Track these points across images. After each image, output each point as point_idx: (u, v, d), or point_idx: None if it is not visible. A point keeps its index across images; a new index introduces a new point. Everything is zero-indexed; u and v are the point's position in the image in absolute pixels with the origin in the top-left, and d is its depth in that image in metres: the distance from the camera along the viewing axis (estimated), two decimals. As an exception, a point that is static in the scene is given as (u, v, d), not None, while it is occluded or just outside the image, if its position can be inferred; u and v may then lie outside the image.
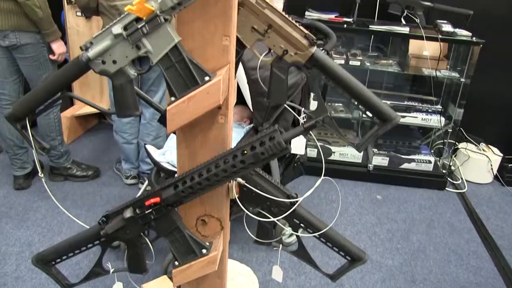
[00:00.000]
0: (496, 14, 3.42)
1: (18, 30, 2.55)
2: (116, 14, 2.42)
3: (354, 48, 3.31)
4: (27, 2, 2.42)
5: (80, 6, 2.55)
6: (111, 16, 2.45)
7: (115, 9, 2.43)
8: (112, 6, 2.43)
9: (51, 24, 2.58)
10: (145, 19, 0.94)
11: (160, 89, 2.79)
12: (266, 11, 1.08)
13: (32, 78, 2.72)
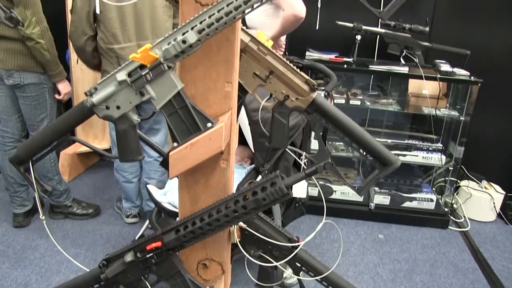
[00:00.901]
0: (493, 53, 3.48)
1: (23, 70, 2.59)
2: (114, 57, 2.45)
3: (354, 87, 3.35)
4: (36, 46, 2.47)
5: (76, 48, 2.54)
6: (109, 58, 2.48)
7: (112, 52, 2.45)
8: (110, 49, 2.44)
9: (57, 65, 2.62)
10: (149, 66, 0.96)
11: (163, 127, 2.80)
12: (267, 57, 1.10)
13: (30, 117, 2.74)
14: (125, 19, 2.42)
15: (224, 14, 0.89)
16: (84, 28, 2.41)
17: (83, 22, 2.39)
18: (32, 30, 2.43)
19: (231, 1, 0.88)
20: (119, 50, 2.44)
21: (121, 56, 2.45)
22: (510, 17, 3.42)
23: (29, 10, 2.41)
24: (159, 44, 0.94)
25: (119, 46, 2.44)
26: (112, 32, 2.41)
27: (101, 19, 2.39)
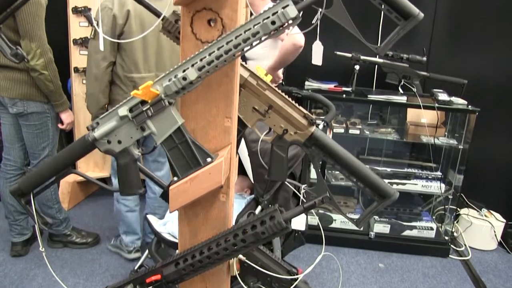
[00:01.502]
0: (489, 82, 3.52)
1: (27, 99, 2.62)
2: (131, 86, 2.47)
3: (353, 116, 3.38)
4: (40, 77, 2.51)
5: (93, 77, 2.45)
6: (124, 87, 2.49)
7: (130, 81, 2.48)
8: (128, 78, 2.47)
9: (61, 95, 2.66)
10: (150, 102, 0.98)
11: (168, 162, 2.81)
12: (266, 92, 1.12)
13: (32, 146, 2.76)
14: (147, 49, 2.46)
15: (223, 52, 0.91)
16: (106, 53, 2.40)
17: (107, 48, 2.39)
18: (37, 61, 2.47)
19: (231, 39, 0.91)
20: (138, 80, 2.47)
21: (138, 85, 2.43)
22: (505, 46, 3.48)
23: (34, 42, 2.45)
24: (160, 80, 0.96)
25: (139, 76, 2.46)
26: (134, 60, 2.44)
27: (125, 46, 2.41)
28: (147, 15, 2.41)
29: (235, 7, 0.97)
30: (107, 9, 2.35)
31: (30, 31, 2.43)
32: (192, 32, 0.99)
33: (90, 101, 2.53)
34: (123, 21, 2.36)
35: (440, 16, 3.50)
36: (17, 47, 1.12)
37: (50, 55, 2.55)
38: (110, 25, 2.35)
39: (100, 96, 2.49)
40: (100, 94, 2.48)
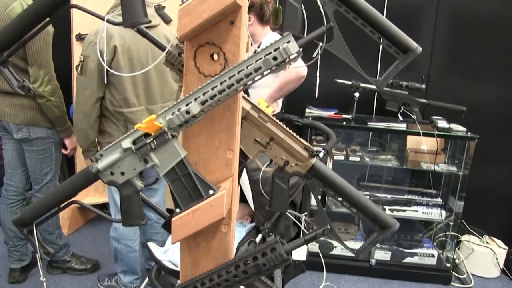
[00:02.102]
0: (488, 109, 3.55)
1: (32, 124, 2.65)
2: (122, 120, 2.44)
3: (353, 143, 3.40)
4: (47, 103, 2.54)
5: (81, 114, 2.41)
6: (115, 120, 2.45)
7: (121, 115, 2.43)
8: (118, 112, 2.42)
9: (66, 121, 2.69)
10: (153, 135, 0.99)
11: (162, 186, 2.81)
12: (268, 124, 1.14)
13: (34, 171, 2.77)
14: (136, 83, 2.42)
15: (226, 87, 0.93)
16: (94, 90, 2.34)
17: (94, 84, 2.33)
18: (44, 88, 2.50)
19: (233, 74, 0.93)
20: (129, 114, 2.43)
21: (129, 119, 2.43)
22: (504, 73, 3.52)
23: (43, 69, 2.49)
24: (163, 114, 0.98)
25: (129, 110, 2.42)
26: (123, 95, 2.39)
27: (114, 81, 2.36)
28: (135, 49, 2.36)
29: (238, 42, 0.99)
30: (93, 44, 2.30)
31: (39, 59, 2.47)
32: (195, 66, 1.02)
33: (79, 137, 2.49)
34: (110, 56, 2.30)
35: (439, 44, 3.55)
36: (24, 80, 1.14)
37: (56, 82, 2.59)
38: (97, 61, 2.28)
39: (89, 132, 2.44)
40: (89, 129, 2.43)
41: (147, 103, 2.49)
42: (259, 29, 2.85)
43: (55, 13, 1.03)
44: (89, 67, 2.30)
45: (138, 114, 2.45)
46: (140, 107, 2.46)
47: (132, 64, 2.37)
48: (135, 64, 2.38)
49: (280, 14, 1.09)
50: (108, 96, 2.40)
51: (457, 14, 3.52)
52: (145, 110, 2.49)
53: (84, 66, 2.32)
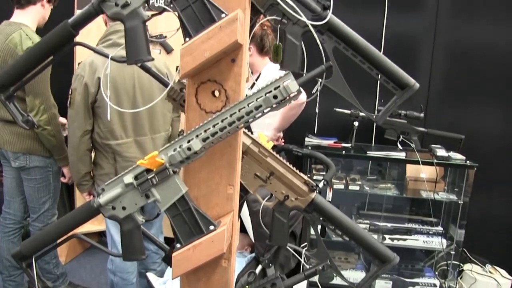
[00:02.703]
0: (487, 137, 3.57)
1: (29, 153, 2.65)
2: (110, 152, 2.40)
3: (353, 171, 3.41)
4: (43, 132, 2.54)
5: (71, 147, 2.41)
6: (104, 153, 2.41)
7: (109, 148, 2.39)
8: (106, 145, 2.39)
9: (63, 150, 2.68)
10: (155, 170, 1.00)
11: (158, 219, 2.78)
12: (268, 159, 1.15)
13: (32, 199, 2.76)
14: (123, 115, 2.38)
15: (227, 124, 0.95)
16: (81, 122, 2.32)
17: (81, 117, 2.31)
18: (40, 117, 2.51)
19: (234, 111, 0.95)
20: (116, 146, 2.39)
21: (117, 152, 2.40)
22: (501, 101, 3.56)
23: (38, 99, 2.50)
24: (165, 150, 0.99)
25: (116, 142, 2.39)
26: (109, 128, 2.36)
27: (99, 114, 2.34)
28: (120, 80, 2.34)
29: (239, 80, 1.01)
30: (79, 77, 2.29)
31: (35, 88, 2.49)
32: (197, 103, 1.03)
33: (71, 169, 2.48)
34: (95, 89, 2.29)
35: (437, 73, 3.60)
36: (28, 114, 1.16)
37: (54, 110, 2.60)
38: (83, 93, 2.28)
39: (79, 165, 2.41)
40: (78, 162, 2.40)
41: (136, 135, 2.44)
42: (259, 60, 2.89)
43: (59, 52, 1.05)
44: (76, 100, 2.30)
45: (125, 147, 2.41)
46: (128, 139, 2.42)
47: (118, 95, 2.34)
48: (121, 94, 2.35)
49: (280, 51, 1.12)
50: (96, 128, 2.38)
51: (454, 43, 3.58)
52: (134, 142, 2.44)
53: (72, 99, 2.31)
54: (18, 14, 2.58)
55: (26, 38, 2.47)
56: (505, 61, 3.53)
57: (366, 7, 3.57)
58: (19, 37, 2.46)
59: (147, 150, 2.45)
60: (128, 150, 2.40)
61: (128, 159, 2.39)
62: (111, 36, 2.32)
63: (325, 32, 1.11)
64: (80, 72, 2.31)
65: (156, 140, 2.52)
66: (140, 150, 2.44)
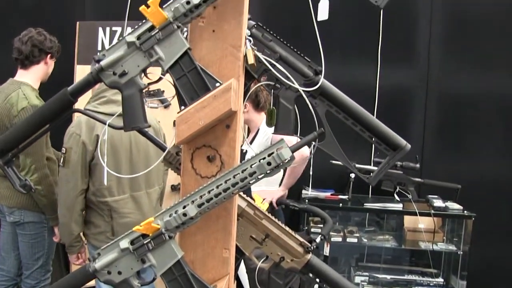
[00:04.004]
0: (484, 185, 3.57)
1: (24, 208, 2.63)
2: (106, 209, 2.33)
3: (350, 223, 3.40)
4: (32, 194, 2.51)
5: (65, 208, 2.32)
6: (99, 211, 2.34)
7: (105, 205, 2.32)
8: (102, 203, 2.32)
9: (55, 210, 2.63)
10: (151, 236, 1.01)
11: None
12: (263, 221, 1.16)
13: (26, 255, 2.71)
14: (120, 171, 2.31)
15: (222, 190, 0.96)
16: (77, 182, 2.24)
17: (78, 176, 2.23)
18: (30, 177, 2.48)
19: (229, 178, 0.97)
20: (113, 203, 2.33)
21: (114, 209, 2.34)
22: (494, 148, 3.58)
23: (29, 158, 2.49)
24: (161, 215, 1.01)
25: (113, 199, 2.32)
26: (107, 185, 2.29)
27: (96, 171, 2.29)
28: (118, 138, 2.31)
29: (233, 145, 1.04)
30: (75, 135, 2.23)
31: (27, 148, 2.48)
32: (192, 168, 1.05)
33: (62, 231, 2.40)
34: (93, 147, 2.24)
35: (431, 123, 3.65)
36: (26, 179, 1.17)
37: (45, 170, 2.56)
38: (80, 152, 2.22)
39: (72, 226, 2.32)
40: (72, 223, 2.31)
41: (132, 191, 2.40)
42: (256, 116, 2.93)
43: (58, 118, 1.08)
44: (71, 159, 2.24)
45: (122, 203, 2.36)
46: (124, 195, 2.37)
47: (115, 152, 2.32)
48: (119, 151, 2.32)
49: (274, 115, 1.15)
50: (91, 187, 2.31)
51: (447, 93, 3.64)
52: (130, 198, 2.39)
53: (67, 158, 2.25)
54: (21, 73, 2.64)
55: (23, 98, 2.50)
56: (498, 109, 3.59)
57: (359, 60, 3.66)
58: (16, 97, 2.50)
59: (143, 205, 2.42)
60: (125, 206, 2.37)
61: (125, 215, 2.36)
62: (105, 94, 2.30)
63: (318, 96, 1.15)
64: (75, 130, 2.26)
65: (151, 195, 2.51)
66: (136, 205, 2.42)
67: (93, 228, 2.36)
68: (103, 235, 2.31)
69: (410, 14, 3.66)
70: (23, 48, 2.58)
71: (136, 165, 2.40)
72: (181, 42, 0.99)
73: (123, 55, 1.02)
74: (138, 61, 1.02)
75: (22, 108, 2.46)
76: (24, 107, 2.47)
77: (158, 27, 0.99)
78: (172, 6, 0.99)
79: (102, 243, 2.21)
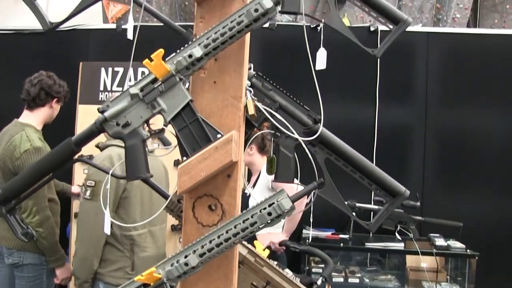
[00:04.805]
0: (485, 223, 3.55)
1: (24, 250, 2.61)
2: (128, 244, 2.33)
3: (352, 262, 3.37)
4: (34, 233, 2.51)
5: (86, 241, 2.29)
6: (120, 246, 2.32)
7: (128, 239, 2.32)
8: (126, 236, 2.31)
9: (55, 252, 2.61)
10: (152, 285, 1.01)
11: None
12: (264, 268, 1.16)
13: None
14: (144, 205, 2.37)
15: (223, 240, 0.97)
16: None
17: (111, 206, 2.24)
18: (32, 219, 2.49)
19: (230, 227, 0.97)
20: (137, 237, 2.33)
21: (136, 242, 2.34)
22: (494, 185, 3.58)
23: (31, 200, 2.47)
24: (162, 264, 1.01)
25: (138, 233, 2.33)
26: (133, 217, 2.32)
27: (124, 204, 2.30)
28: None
29: (234, 194, 1.05)
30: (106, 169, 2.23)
31: None
32: (194, 216, 1.06)
33: (81, 267, 2.32)
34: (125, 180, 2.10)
35: (430, 160, 3.66)
36: (28, 227, 1.18)
37: (47, 212, 2.55)
38: (114, 185, 2.24)
39: (94, 261, 2.29)
40: (95, 259, 2.29)
41: (150, 225, 2.42)
42: (259, 159, 2.95)
43: (61, 168, 1.10)
44: (102, 192, 2.16)
45: (144, 237, 2.38)
46: (144, 230, 2.39)
47: (141, 185, 2.31)
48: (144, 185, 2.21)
49: (274, 164, 1.16)
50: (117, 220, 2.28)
51: (445, 130, 3.66)
52: (148, 233, 2.41)
53: (96, 192, 2.23)
54: (26, 114, 2.67)
55: (26, 140, 2.53)
56: (498, 146, 3.60)
57: (358, 99, 3.71)
58: (19, 139, 2.52)
59: (159, 239, 2.46)
60: (145, 240, 2.37)
61: (145, 249, 2.35)
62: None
63: (317, 144, 1.16)
64: (106, 164, 2.22)
65: (163, 230, 2.54)
66: (153, 239, 2.43)
67: (109, 265, 2.30)
68: (121, 271, 2.28)
69: (407, 53, 3.72)
70: (31, 90, 2.62)
71: (156, 201, 2.42)
72: (183, 94, 1.02)
73: (126, 106, 1.05)
74: (141, 112, 1.04)
75: (24, 150, 2.48)
76: (26, 149, 2.49)
77: (161, 79, 1.02)
78: (175, 59, 1.02)
79: (120, 280, 2.20)
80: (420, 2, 4.25)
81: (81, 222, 2.32)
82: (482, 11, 4.50)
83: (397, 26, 1.20)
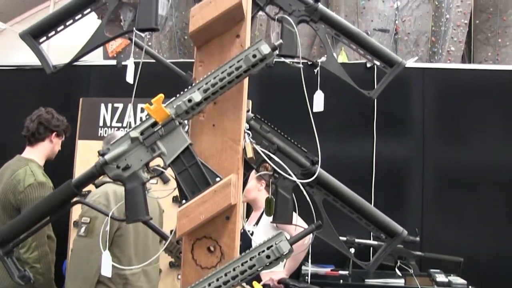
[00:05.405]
0: (486, 258, 3.52)
1: None
2: (121, 283, 2.28)
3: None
4: (30, 270, 2.46)
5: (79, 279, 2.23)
6: (112, 285, 2.27)
7: (121, 279, 2.28)
8: (119, 276, 2.26)
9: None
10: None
11: None
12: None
13: None
14: (138, 243, 2.34)
15: (222, 283, 0.97)
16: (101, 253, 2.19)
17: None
18: (30, 254, 2.46)
19: (229, 270, 0.98)
20: (130, 276, 2.29)
21: (129, 282, 2.30)
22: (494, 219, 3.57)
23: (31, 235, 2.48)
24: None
25: (131, 272, 2.29)
26: (128, 256, 2.28)
27: (119, 242, 2.27)
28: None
29: (233, 236, 1.06)
30: (101, 206, 2.18)
31: None
32: (193, 258, 1.06)
33: None
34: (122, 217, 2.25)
35: (429, 195, 3.65)
36: (25, 269, 1.17)
37: (45, 248, 2.53)
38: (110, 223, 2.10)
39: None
40: None
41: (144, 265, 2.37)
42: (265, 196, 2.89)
43: (61, 210, 1.11)
44: (97, 229, 2.19)
45: (137, 276, 2.34)
46: (139, 270, 2.34)
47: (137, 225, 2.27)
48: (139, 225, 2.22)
49: (272, 205, 1.17)
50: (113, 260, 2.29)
51: (443, 164, 3.67)
52: (142, 272, 2.37)
53: (91, 228, 2.21)
54: (28, 150, 2.69)
55: (30, 174, 2.54)
56: (495, 178, 3.60)
57: (355, 134, 3.74)
58: (23, 173, 2.53)
59: (152, 279, 2.43)
60: (139, 280, 2.33)
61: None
62: None
63: (315, 186, 1.18)
64: (101, 201, 2.23)
65: (156, 269, 2.51)
66: (146, 279, 2.40)
67: None
68: None
69: (403, 88, 3.77)
70: (30, 125, 2.65)
71: (151, 239, 2.41)
72: (182, 138, 1.04)
73: (126, 149, 1.06)
74: (141, 155, 1.06)
75: (29, 185, 2.49)
76: (30, 184, 2.49)
77: (161, 123, 1.04)
78: (174, 103, 1.04)
79: None
80: (416, 35, 4.34)
81: (74, 259, 2.29)
82: (476, 45, 4.59)
83: (392, 69, 1.23)
